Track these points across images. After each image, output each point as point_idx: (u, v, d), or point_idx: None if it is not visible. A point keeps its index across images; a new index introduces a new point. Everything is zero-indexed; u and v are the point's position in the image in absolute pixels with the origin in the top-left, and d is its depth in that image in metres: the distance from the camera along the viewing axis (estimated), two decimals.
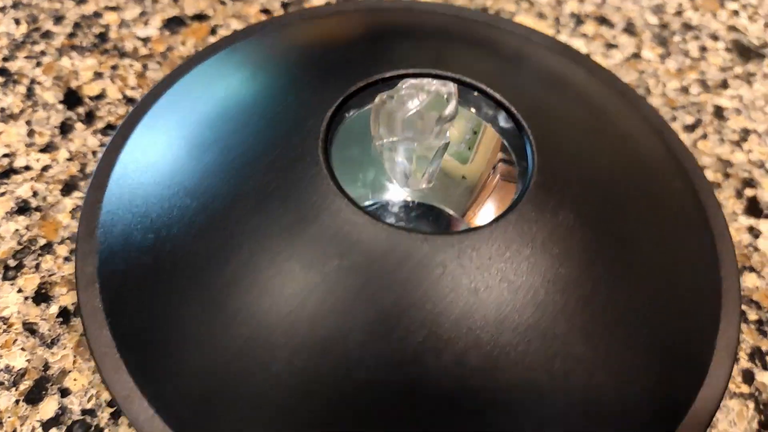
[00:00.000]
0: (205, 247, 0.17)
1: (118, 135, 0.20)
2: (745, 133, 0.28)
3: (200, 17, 0.30)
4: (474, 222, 0.21)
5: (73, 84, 0.27)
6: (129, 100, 0.27)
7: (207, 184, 0.17)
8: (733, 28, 0.32)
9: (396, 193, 0.22)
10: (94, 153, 0.25)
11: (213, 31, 0.29)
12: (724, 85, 0.30)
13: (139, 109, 0.20)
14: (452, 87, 0.17)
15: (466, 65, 0.19)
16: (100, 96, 0.27)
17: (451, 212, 0.22)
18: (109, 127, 0.26)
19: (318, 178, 0.16)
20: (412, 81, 0.17)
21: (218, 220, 0.17)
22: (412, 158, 0.18)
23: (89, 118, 0.26)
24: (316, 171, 0.17)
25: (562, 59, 0.22)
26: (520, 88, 0.19)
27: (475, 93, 0.19)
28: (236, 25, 0.30)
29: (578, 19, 0.32)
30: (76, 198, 0.24)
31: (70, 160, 0.25)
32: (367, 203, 0.21)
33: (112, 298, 0.17)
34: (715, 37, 0.32)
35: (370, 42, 0.21)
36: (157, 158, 0.19)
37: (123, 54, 0.28)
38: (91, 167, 0.25)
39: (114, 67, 0.28)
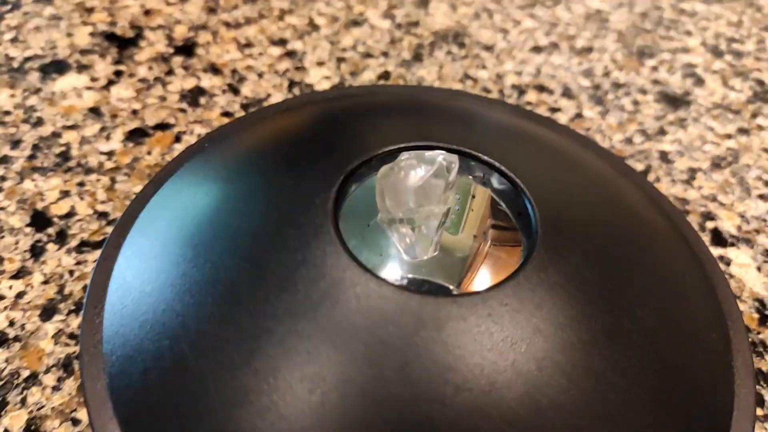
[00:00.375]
0: (226, 339, 0.16)
1: (109, 246, 0.20)
2: (692, 172, 0.30)
3: (163, 126, 0.30)
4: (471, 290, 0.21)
5: (39, 205, 0.26)
6: (101, 215, 0.26)
7: (219, 277, 0.17)
8: (656, 82, 0.35)
9: (390, 269, 0.22)
10: (71, 273, 0.24)
11: (178, 139, 0.30)
12: (662, 131, 0.32)
13: (128, 217, 0.20)
14: (453, 156, 0.18)
15: (449, 136, 0.20)
16: (70, 214, 0.26)
17: (448, 284, 0.22)
18: (84, 244, 0.25)
19: (335, 254, 0.17)
20: (411, 153, 0.18)
21: (237, 311, 0.16)
22: (417, 228, 0.19)
23: (61, 238, 0.25)
24: (331, 247, 0.17)
25: (530, 123, 0.23)
26: (507, 153, 0.20)
27: (472, 161, 0.20)
28: (200, 130, 0.30)
29: (520, 90, 0.34)
30: (57, 322, 0.23)
31: (45, 283, 0.24)
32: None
33: (129, 416, 0.16)
34: (643, 91, 0.35)
35: (353, 124, 0.21)
36: (158, 263, 0.18)
37: (88, 170, 0.28)
38: (70, 288, 0.24)
39: (80, 184, 0.27)
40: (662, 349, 0.17)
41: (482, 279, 0.22)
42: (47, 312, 0.23)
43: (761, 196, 0.29)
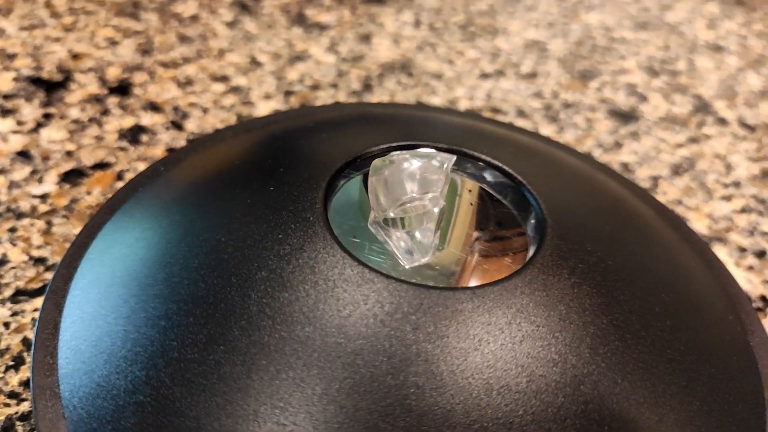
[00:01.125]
0: (216, 362, 0.14)
1: (58, 278, 0.17)
2: (655, 180, 0.30)
3: (102, 166, 0.28)
4: None
5: None
6: (38, 261, 0.23)
7: (200, 295, 0.15)
8: (603, 101, 0.36)
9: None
10: (6, 325, 0.21)
11: (120, 177, 0.27)
12: (618, 144, 0.32)
13: (80, 244, 0.17)
14: (447, 155, 0.17)
15: (436, 138, 0.19)
16: (2, 262, 0.23)
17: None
18: (20, 293, 0.22)
19: (331, 254, 0.15)
20: (403, 151, 0.17)
21: (226, 328, 0.14)
22: (412, 231, 0.17)
23: None
24: (326, 248, 0.15)
25: (504, 129, 0.23)
26: (498, 154, 0.19)
27: (466, 161, 0.19)
28: (144, 167, 0.28)
29: (474, 113, 0.34)
30: None
31: None
32: None
33: None
34: (593, 109, 0.35)
35: (330, 132, 0.20)
36: (121, 290, 0.16)
37: (20, 215, 0.25)
38: (6, 342, 0.20)
39: (12, 230, 0.24)
40: (693, 333, 0.16)
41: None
42: None
43: (724, 198, 0.30)
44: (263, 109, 0.32)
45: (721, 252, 0.27)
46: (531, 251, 0.17)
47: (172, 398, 0.13)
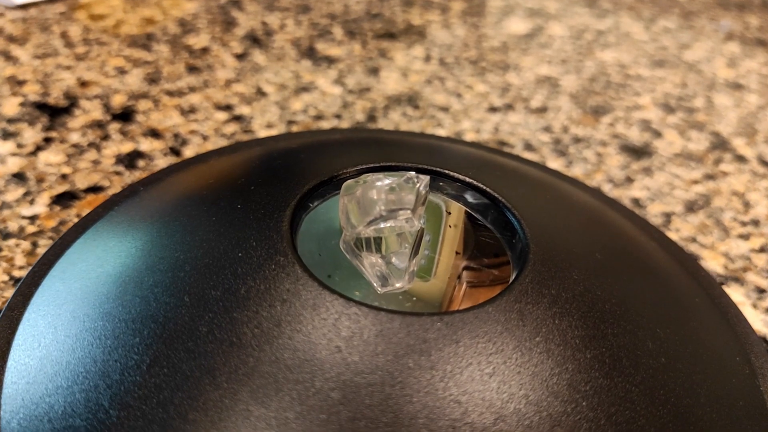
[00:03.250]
0: (158, 387, 0.13)
1: (17, 296, 0.16)
2: (667, 216, 0.29)
3: (95, 189, 0.27)
4: None
5: None
6: (17, 281, 0.23)
7: (150, 314, 0.14)
8: (615, 136, 0.35)
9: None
10: None
11: None
12: (629, 180, 0.31)
13: (42, 265, 0.17)
14: (422, 176, 0.16)
15: (414, 160, 0.18)
16: None
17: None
18: None
19: (293, 277, 0.14)
20: (376, 173, 0.16)
21: (172, 350, 0.13)
22: (387, 255, 0.16)
23: None
24: (289, 269, 0.14)
25: (496, 155, 0.22)
26: (481, 176, 0.18)
27: (443, 181, 0.18)
28: None
29: (475, 143, 0.33)
30: None
31: None
32: None
33: None
34: (604, 144, 0.34)
35: (306, 155, 0.19)
36: (75, 306, 0.15)
37: (6, 235, 0.24)
38: None
39: None
40: (690, 372, 0.14)
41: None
42: None
43: (741, 236, 0.28)
44: (263, 136, 0.32)
45: (737, 292, 0.25)
46: (512, 277, 0.16)
47: (108, 423, 0.12)
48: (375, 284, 0.16)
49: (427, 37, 0.45)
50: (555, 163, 0.32)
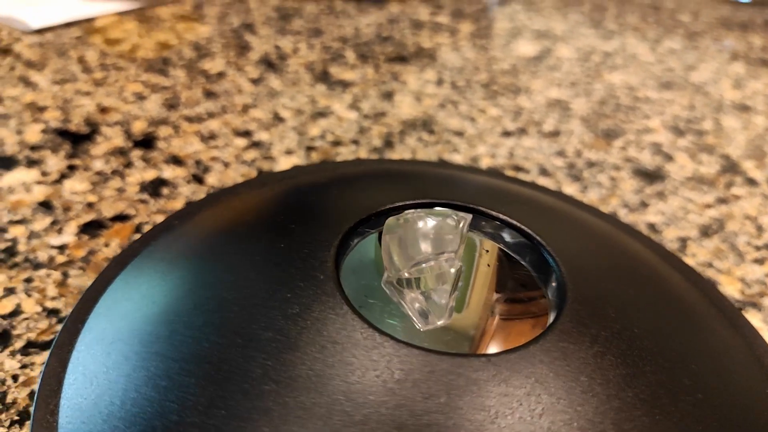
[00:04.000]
0: (216, 428, 0.13)
1: (65, 332, 0.17)
2: (683, 241, 0.29)
3: (122, 218, 0.28)
4: None
5: None
6: (51, 312, 0.23)
7: (203, 355, 0.14)
8: (627, 159, 0.35)
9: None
10: (15, 377, 0.21)
11: (138, 229, 0.27)
12: (644, 204, 0.32)
13: (87, 300, 0.17)
14: (464, 213, 0.16)
15: (452, 196, 0.19)
16: (15, 313, 0.23)
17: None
18: (31, 345, 0.22)
19: (342, 317, 0.14)
20: (417, 210, 0.16)
21: (228, 392, 0.13)
22: (427, 293, 0.16)
23: (4, 339, 0.22)
24: (338, 309, 0.14)
25: (521, 187, 0.22)
26: (518, 213, 0.18)
27: (484, 220, 0.18)
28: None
29: (496, 171, 0.33)
30: None
31: None
32: None
33: None
34: (617, 168, 0.34)
35: (344, 189, 0.20)
36: (124, 346, 0.15)
37: (37, 265, 0.25)
38: (13, 395, 0.20)
39: (28, 280, 0.24)
40: (726, 408, 0.15)
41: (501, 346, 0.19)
42: None
43: (756, 261, 0.28)
44: (284, 164, 0.32)
45: (755, 318, 0.25)
46: (551, 316, 0.16)
47: None
48: (417, 322, 0.16)
49: (438, 60, 0.46)
50: (570, 188, 0.32)
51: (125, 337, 0.16)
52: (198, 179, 0.31)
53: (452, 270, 0.16)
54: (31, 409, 0.20)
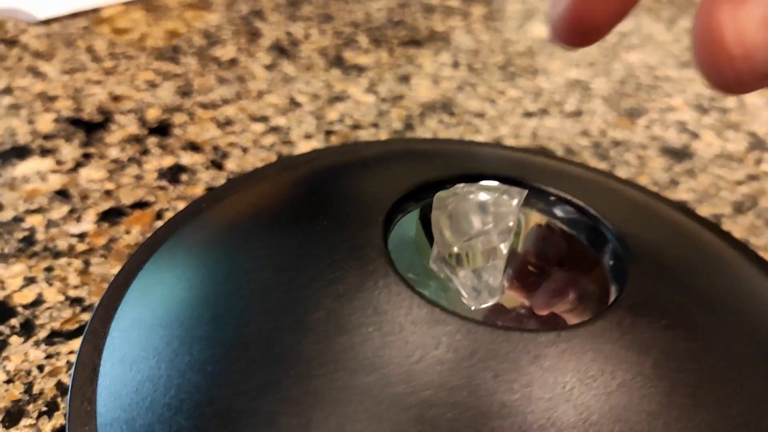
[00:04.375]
0: (270, 414, 0.12)
1: (97, 318, 0.16)
2: (717, 218, 0.29)
3: (141, 205, 0.27)
4: None
5: (0, 295, 0.22)
6: (75, 301, 0.22)
7: (251, 338, 0.13)
8: (653, 138, 0.35)
9: None
10: (41, 368, 0.20)
11: (159, 216, 0.26)
12: (674, 182, 0.31)
13: (120, 283, 0.16)
14: (516, 188, 0.15)
15: (500, 171, 0.18)
16: (37, 302, 0.22)
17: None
18: (55, 334, 0.21)
19: (398, 294, 0.13)
20: (467, 184, 0.15)
21: (283, 376, 0.13)
22: (478, 269, 0.16)
23: (26, 329, 0.21)
24: (392, 286, 0.13)
25: (570, 166, 0.21)
26: (570, 189, 0.17)
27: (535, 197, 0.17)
28: (184, 206, 0.27)
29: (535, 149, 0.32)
30: (25, 428, 0.18)
31: (9, 382, 0.19)
32: None
33: None
34: (643, 147, 0.34)
35: (381, 167, 0.19)
36: (164, 331, 0.15)
37: (57, 254, 0.24)
38: (40, 386, 0.19)
39: (48, 269, 0.23)
40: None
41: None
42: (12, 416, 0.18)
43: None
44: (304, 148, 0.31)
45: None
46: (612, 291, 0.15)
47: None
48: (468, 299, 0.16)
49: (452, 43, 0.45)
50: (598, 167, 0.32)
51: (164, 322, 0.15)
52: (217, 165, 0.30)
53: (505, 246, 0.16)
54: (60, 400, 0.19)
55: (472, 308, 0.16)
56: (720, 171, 0.32)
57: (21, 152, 0.30)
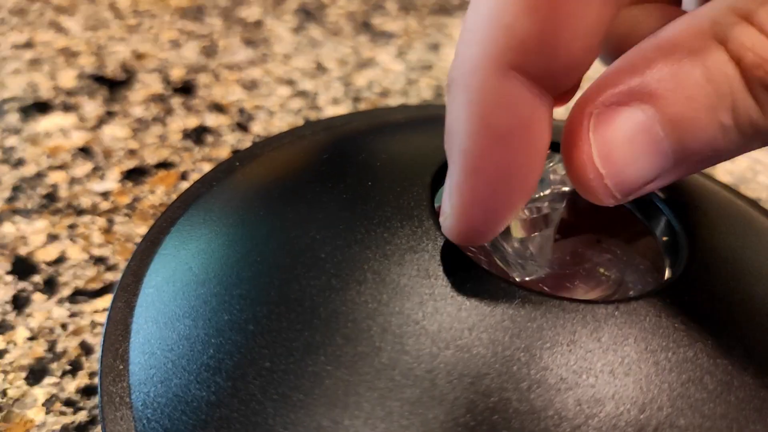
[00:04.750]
0: (316, 375, 0.12)
1: (129, 274, 0.15)
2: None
3: (166, 165, 0.26)
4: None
5: (23, 251, 0.22)
6: (99, 260, 0.22)
7: (295, 297, 0.13)
8: None
9: None
10: (64, 326, 0.19)
11: (184, 177, 0.26)
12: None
13: (154, 236, 0.16)
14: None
15: None
16: (60, 260, 0.21)
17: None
18: (79, 293, 0.20)
19: (451, 257, 0.13)
20: None
21: (329, 339, 0.12)
22: (525, 239, 0.15)
23: (50, 287, 0.20)
24: (447, 251, 0.13)
25: None
26: None
27: None
28: (209, 168, 0.26)
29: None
30: (48, 386, 0.18)
31: (32, 339, 0.19)
32: None
33: None
34: None
35: (430, 128, 0.18)
36: (202, 289, 0.14)
37: (80, 212, 0.23)
38: (63, 344, 0.19)
39: (72, 227, 0.23)
40: None
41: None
42: (35, 374, 0.18)
43: None
44: (331, 113, 0.31)
45: None
46: (666, 268, 0.15)
47: (265, 415, 0.11)
48: (513, 271, 0.15)
49: None
50: None
51: (201, 279, 0.14)
52: (242, 127, 0.29)
53: (556, 213, 0.15)
54: (84, 359, 0.18)
55: (518, 280, 0.15)
56: (757, 154, 0.31)
57: (43, 107, 0.29)
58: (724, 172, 0.30)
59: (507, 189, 0.11)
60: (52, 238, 0.22)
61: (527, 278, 0.15)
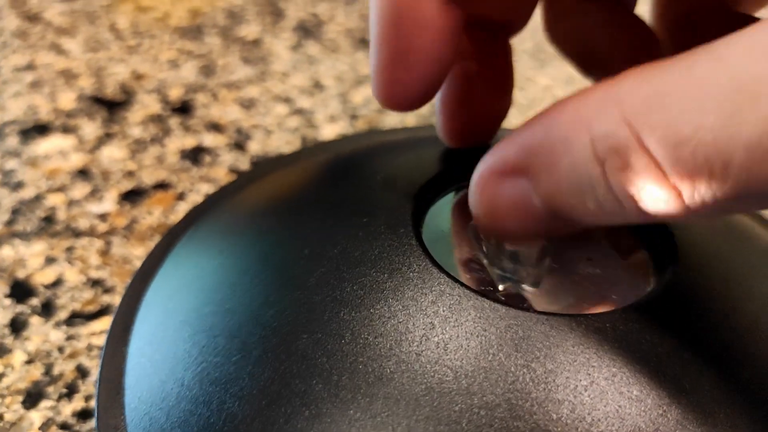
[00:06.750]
0: (310, 394, 0.12)
1: (128, 298, 0.16)
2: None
3: (163, 186, 0.26)
4: None
5: (21, 274, 0.22)
6: (96, 282, 0.22)
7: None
8: None
9: None
10: (61, 349, 0.19)
11: (181, 197, 0.26)
12: None
13: (153, 260, 0.16)
14: None
15: None
16: (58, 282, 0.22)
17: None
18: (76, 315, 0.21)
19: (431, 279, 0.13)
20: None
21: (330, 362, 0.12)
22: (515, 252, 0.15)
23: (47, 310, 0.21)
24: (425, 273, 0.13)
25: None
26: None
27: None
28: (207, 188, 0.26)
29: None
30: (45, 409, 0.18)
31: (29, 362, 0.19)
32: None
33: None
34: None
35: (409, 154, 0.18)
36: (196, 309, 0.14)
37: (78, 234, 0.24)
38: (60, 368, 0.19)
39: (69, 249, 0.23)
40: None
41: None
42: (32, 397, 0.18)
43: None
44: (328, 131, 0.31)
45: None
46: (651, 277, 0.14)
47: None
48: (503, 285, 0.15)
49: None
50: None
51: (200, 303, 0.14)
52: (239, 147, 0.29)
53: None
54: (80, 382, 0.18)
55: (504, 292, 0.15)
56: None
57: (42, 130, 0.29)
58: None
59: (404, 60, 0.14)
60: (50, 260, 0.22)
61: (517, 292, 0.15)
